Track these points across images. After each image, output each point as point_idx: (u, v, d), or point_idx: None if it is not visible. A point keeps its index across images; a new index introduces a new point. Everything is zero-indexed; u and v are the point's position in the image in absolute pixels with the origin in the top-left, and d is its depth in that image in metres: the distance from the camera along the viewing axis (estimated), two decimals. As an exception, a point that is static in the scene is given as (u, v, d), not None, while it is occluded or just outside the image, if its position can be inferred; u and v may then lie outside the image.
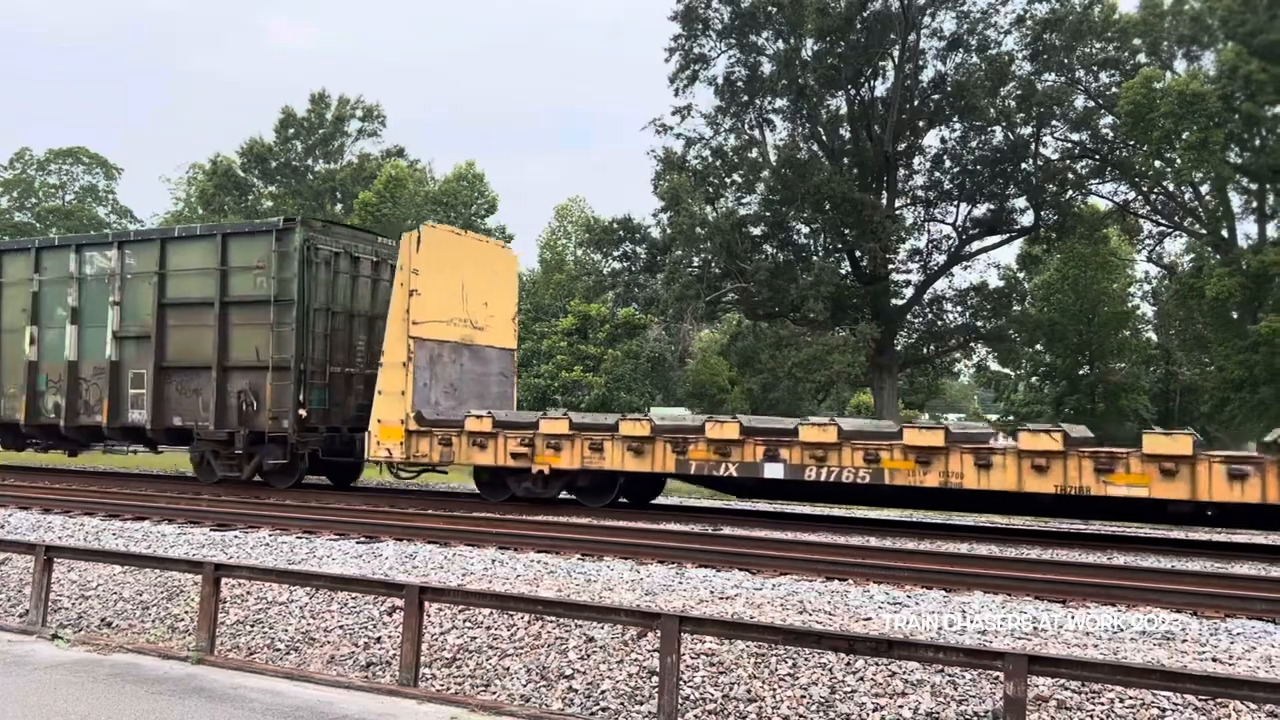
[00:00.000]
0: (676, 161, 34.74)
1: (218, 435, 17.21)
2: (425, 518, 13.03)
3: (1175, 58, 34.41)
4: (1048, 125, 33.31)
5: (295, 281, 16.71)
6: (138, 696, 6.49)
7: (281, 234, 16.95)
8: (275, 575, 8.22)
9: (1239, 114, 29.40)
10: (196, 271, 17.78)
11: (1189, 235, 36.91)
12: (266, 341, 16.80)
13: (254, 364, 17.00)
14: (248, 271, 17.26)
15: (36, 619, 8.45)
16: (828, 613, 7.66)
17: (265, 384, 16.85)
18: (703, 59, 34.42)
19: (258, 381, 16.97)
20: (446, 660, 7.35)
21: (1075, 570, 9.49)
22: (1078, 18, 31.95)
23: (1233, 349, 31.28)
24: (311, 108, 52.26)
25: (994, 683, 5.96)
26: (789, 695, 6.31)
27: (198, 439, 17.53)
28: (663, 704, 5.95)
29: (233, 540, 11.24)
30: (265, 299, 16.92)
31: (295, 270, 16.71)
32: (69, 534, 11.85)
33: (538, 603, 7.24)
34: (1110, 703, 5.84)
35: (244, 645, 8.01)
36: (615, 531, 11.91)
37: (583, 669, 6.94)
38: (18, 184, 65.67)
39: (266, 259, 16.98)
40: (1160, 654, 6.58)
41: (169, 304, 17.96)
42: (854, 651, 5.93)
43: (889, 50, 33.14)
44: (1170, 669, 5.64)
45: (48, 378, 19.23)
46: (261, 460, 16.98)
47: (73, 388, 18.82)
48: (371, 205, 43.80)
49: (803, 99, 33.51)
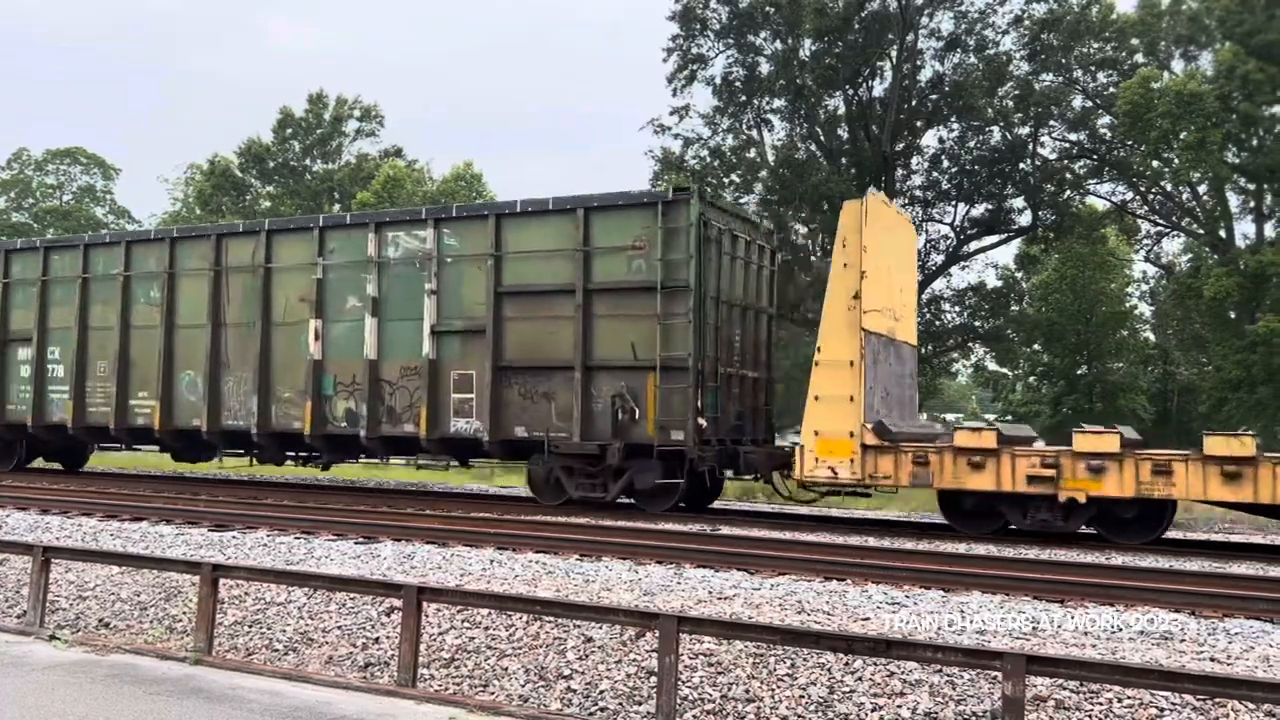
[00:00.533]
0: (675, 162, 34.77)
1: (585, 448, 14.40)
2: (423, 518, 13.02)
3: (1173, 58, 34.47)
4: (1045, 125, 33.37)
5: (688, 264, 14.03)
6: (136, 697, 6.48)
7: (670, 207, 14.19)
8: (273, 576, 8.21)
9: (1236, 114, 29.43)
10: (545, 254, 14.93)
11: (1187, 235, 36.96)
12: (650, 336, 14.12)
13: (630, 363, 14.31)
14: (619, 253, 14.47)
15: (34, 620, 8.44)
16: (826, 613, 7.66)
17: (646, 387, 14.17)
18: (701, 59, 34.45)
19: (636, 384, 14.26)
20: (445, 660, 7.34)
21: (1073, 570, 9.49)
22: (1075, 18, 32.00)
23: (1230, 349, 31.31)
24: (309, 108, 52.31)
25: (992, 683, 5.96)
26: (787, 695, 6.31)
27: (552, 452, 14.63)
28: (661, 704, 5.94)
29: (230, 541, 11.23)
30: (645, 285, 14.22)
31: (688, 251, 14.05)
32: (66, 534, 11.83)
33: (536, 603, 7.23)
34: (1109, 702, 5.84)
35: (242, 646, 8.01)
36: (613, 532, 11.91)
37: (581, 669, 6.94)
38: (15, 184, 65.65)
39: (648, 237, 14.28)
40: (1158, 654, 6.59)
41: (507, 292, 15.14)
42: (852, 651, 5.93)
43: (887, 50, 33.16)
44: (1168, 669, 5.64)
45: (337, 379, 16.36)
46: (634, 478, 14.35)
47: (374, 392, 15.96)
48: (370, 206, 43.79)
49: (801, 99, 33.52)
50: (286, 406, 16.68)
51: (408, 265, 15.88)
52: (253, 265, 17.23)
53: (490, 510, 14.59)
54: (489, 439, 15.04)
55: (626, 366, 14.33)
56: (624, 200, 14.79)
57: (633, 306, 14.35)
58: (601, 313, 14.54)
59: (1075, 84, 33.32)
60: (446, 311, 15.56)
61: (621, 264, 14.48)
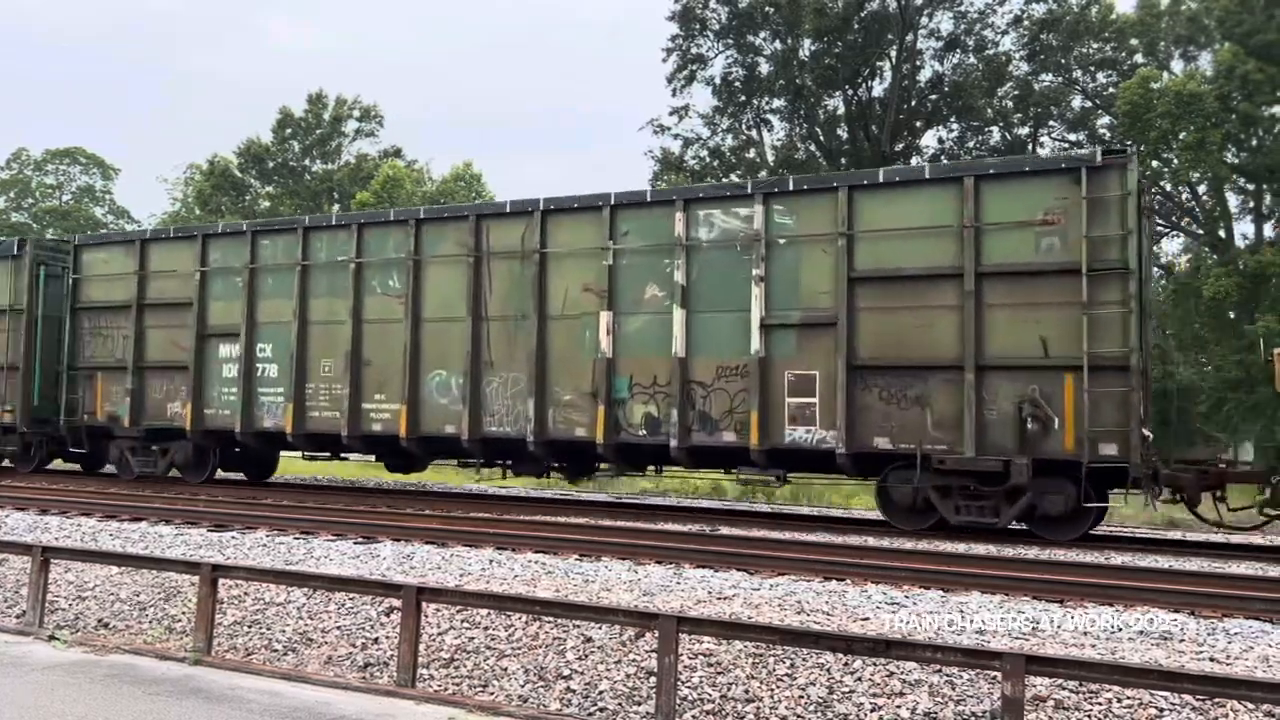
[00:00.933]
0: (674, 162, 34.84)
1: (981, 464, 12.12)
2: (422, 518, 13.02)
3: (1172, 58, 34.50)
4: (1045, 125, 33.42)
5: (1124, 242, 11.80)
6: (135, 697, 6.48)
7: (1097, 174, 12.00)
8: (273, 576, 8.21)
9: (1236, 114, 29.45)
10: (916, 232, 12.78)
11: (1186, 235, 36.98)
12: (1067, 329, 11.94)
13: (1037, 362, 12.13)
14: (1021, 229, 12.27)
15: (33, 620, 8.44)
16: (825, 613, 7.66)
17: (1063, 390, 11.95)
18: (700, 59, 34.52)
19: (1048, 387, 12.01)
20: (444, 661, 7.34)
21: (1073, 570, 9.49)
22: (1075, 18, 32.06)
23: (1230, 349, 31.32)
24: (309, 108, 52.32)
25: (992, 683, 5.96)
26: (787, 695, 6.31)
27: (935, 469, 12.37)
28: (661, 704, 5.94)
29: (230, 541, 11.23)
30: (1061, 268, 12.07)
31: (1124, 225, 11.80)
32: (66, 535, 11.82)
33: (535, 603, 7.23)
34: (1108, 703, 5.84)
35: (241, 646, 8.00)
36: (613, 532, 11.91)
37: (581, 669, 6.94)
38: (14, 184, 65.67)
39: (1064, 209, 12.08)
40: (1158, 654, 6.59)
41: (863, 277, 12.98)
42: (852, 652, 5.93)
43: (886, 50, 33.22)
44: (1168, 669, 5.65)
45: (633, 380, 14.24)
46: (1036, 502, 12.05)
47: (685, 395, 13.86)
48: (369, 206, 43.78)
49: (800, 99, 33.58)
50: (567, 411, 14.53)
51: (724, 249, 13.75)
52: (522, 251, 15.02)
53: (489, 510, 14.59)
54: (844, 450, 12.78)
55: (1033, 366, 12.11)
56: (1030, 165, 12.84)
57: (1042, 293, 12.11)
58: (997, 301, 12.29)
59: (1075, 84, 33.38)
60: (778, 302, 13.38)
61: (1025, 242, 12.23)
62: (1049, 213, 12.14)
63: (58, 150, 66.20)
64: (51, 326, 19.43)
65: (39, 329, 19.42)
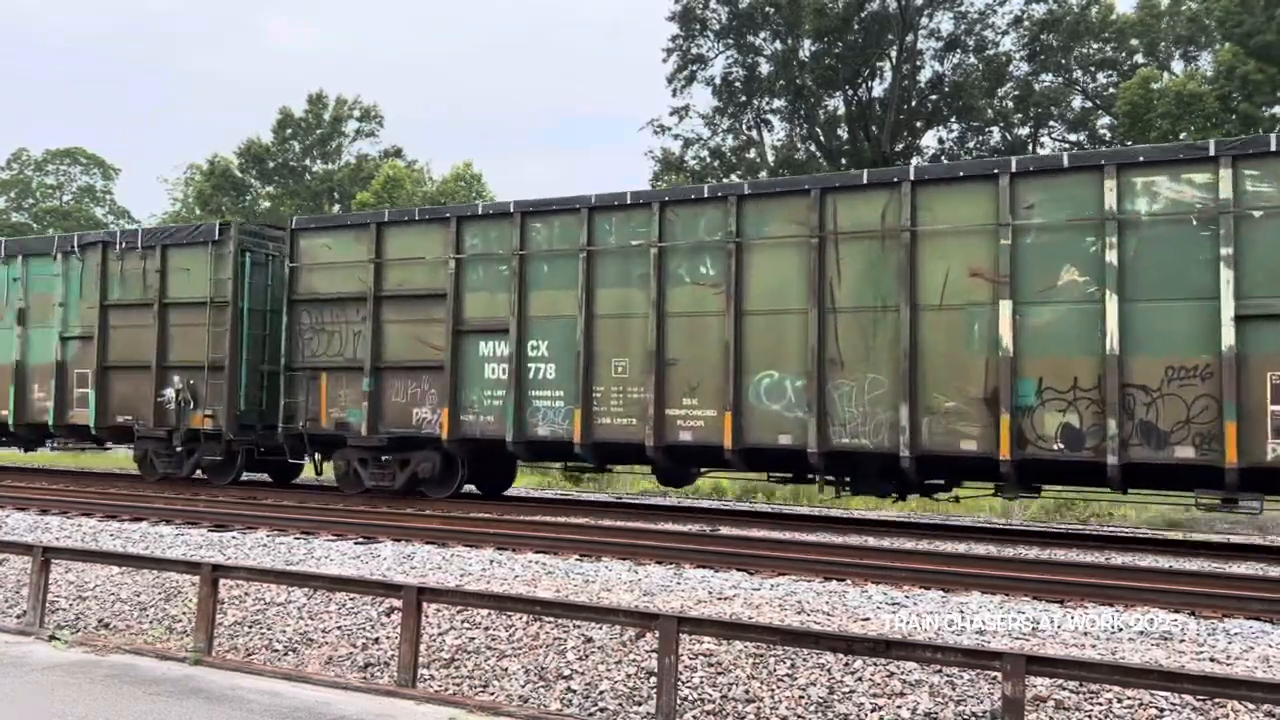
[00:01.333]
0: (674, 162, 34.85)
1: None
2: (423, 518, 13.03)
3: (1172, 58, 34.50)
4: (1045, 125, 33.43)
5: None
6: (135, 697, 6.48)
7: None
8: (273, 576, 8.21)
9: (1236, 114, 29.45)
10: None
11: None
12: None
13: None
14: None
15: (34, 620, 8.44)
16: (826, 613, 7.66)
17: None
18: (701, 59, 34.54)
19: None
20: (445, 661, 7.34)
21: (1073, 570, 9.49)
22: (1075, 18, 32.07)
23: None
24: (309, 108, 52.36)
25: (992, 683, 5.96)
26: (787, 695, 6.31)
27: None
28: (661, 704, 5.95)
29: (230, 541, 11.23)
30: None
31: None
32: (66, 535, 11.83)
33: (536, 603, 7.23)
34: (1108, 703, 5.84)
35: (242, 646, 8.01)
36: (613, 532, 11.91)
37: (581, 669, 6.94)
38: (15, 184, 65.70)
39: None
40: (1158, 654, 6.59)
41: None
42: (852, 652, 5.93)
43: (887, 51, 33.23)
44: (1168, 669, 5.65)
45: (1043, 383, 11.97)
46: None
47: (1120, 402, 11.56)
48: (369, 206, 43.76)
49: (800, 99, 33.60)
50: (949, 421, 12.33)
51: (1174, 223, 11.55)
52: (882, 229, 12.90)
53: (489, 510, 14.60)
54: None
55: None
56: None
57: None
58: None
59: (1075, 84, 33.39)
60: (1258, 287, 11.09)
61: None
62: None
63: (58, 150, 66.29)
64: (254, 321, 17.56)
65: (245, 324, 17.41)
